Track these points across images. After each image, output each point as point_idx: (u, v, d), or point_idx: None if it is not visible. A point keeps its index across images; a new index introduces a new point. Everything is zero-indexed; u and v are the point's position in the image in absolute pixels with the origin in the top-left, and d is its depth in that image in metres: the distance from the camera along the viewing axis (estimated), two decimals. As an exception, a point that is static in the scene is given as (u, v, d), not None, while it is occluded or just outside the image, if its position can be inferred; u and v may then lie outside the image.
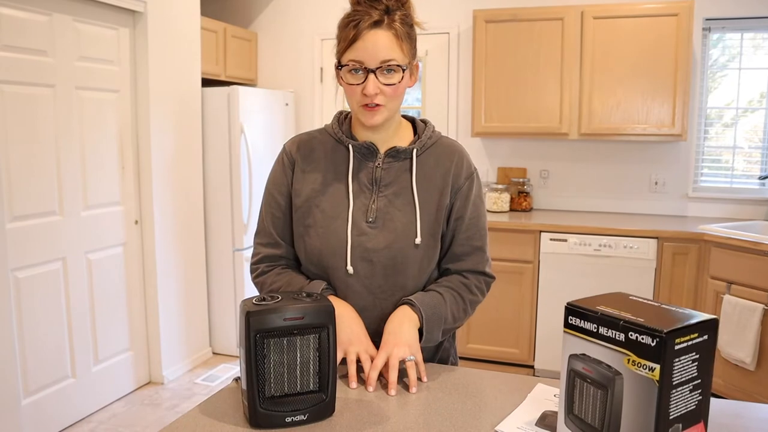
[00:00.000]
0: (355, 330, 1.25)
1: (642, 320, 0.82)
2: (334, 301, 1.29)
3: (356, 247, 1.29)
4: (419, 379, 1.20)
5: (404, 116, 1.41)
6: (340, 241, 1.29)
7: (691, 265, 3.29)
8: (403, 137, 1.37)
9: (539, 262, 3.55)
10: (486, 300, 3.62)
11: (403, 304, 1.30)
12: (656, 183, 3.91)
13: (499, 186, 4.00)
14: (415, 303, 1.28)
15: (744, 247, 3.00)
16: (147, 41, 3.31)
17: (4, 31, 2.61)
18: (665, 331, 0.79)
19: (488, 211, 3.91)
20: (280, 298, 1.02)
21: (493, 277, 1.42)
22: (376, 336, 1.31)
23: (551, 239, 3.50)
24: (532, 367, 3.63)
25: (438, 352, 1.44)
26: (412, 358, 1.20)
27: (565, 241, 3.47)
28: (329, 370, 1.02)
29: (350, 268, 1.29)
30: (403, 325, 1.25)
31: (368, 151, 1.33)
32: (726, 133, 3.84)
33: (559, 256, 3.50)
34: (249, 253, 3.87)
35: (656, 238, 3.33)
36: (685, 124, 3.51)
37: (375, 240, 1.30)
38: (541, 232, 3.52)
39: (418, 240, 1.30)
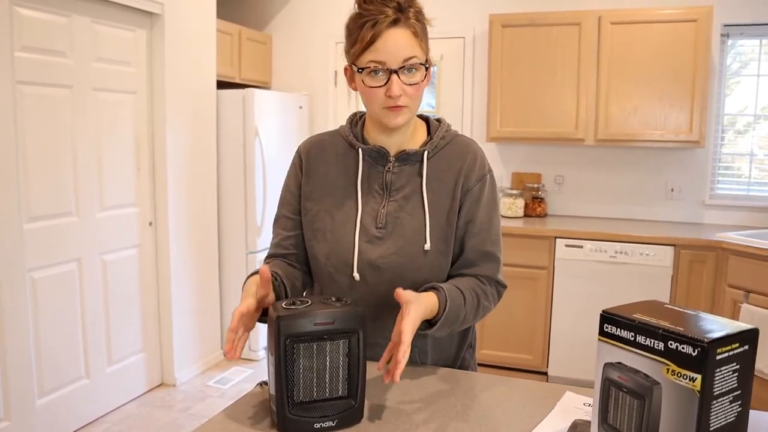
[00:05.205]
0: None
1: (681, 329, 0.80)
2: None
3: (363, 253, 1.26)
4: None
5: (418, 116, 1.36)
6: (348, 247, 1.26)
7: (708, 273, 3.26)
8: (417, 139, 1.32)
9: (554, 268, 3.52)
10: (499, 305, 3.59)
11: (433, 289, 1.20)
12: (672, 190, 3.87)
13: (514, 191, 3.98)
14: (445, 292, 1.19)
15: (762, 256, 2.97)
16: (164, 43, 3.32)
17: (24, 32, 2.62)
18: (707, 340, 0.77)
19: (502, 216, 3.88)
20: (309, 302, 1.00)
21: (505, 286, 1.36)
22: (384, 342, 1.29)
23: (566, 245, 3.47)
24: (545, 373, 3.61)
25: (456, 362, 1.41)
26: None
27: (581, 247, 3.44)
28: (358, 375, 1.01)
29: (357, 275, 1.26)
30: (419, 312, 1.13)
31: (378, 155, 1.29)
32: (738, 141, 3.81)
33: (574, 263, 3.47)
34: (262, 255, 3.87)
35: (673, 245, 3.30)
36: (703, 131, 3.48)
37: (384, 246, 1.26)
38: (556, 238, 3.50)
39: (427, 246, 1.25)
